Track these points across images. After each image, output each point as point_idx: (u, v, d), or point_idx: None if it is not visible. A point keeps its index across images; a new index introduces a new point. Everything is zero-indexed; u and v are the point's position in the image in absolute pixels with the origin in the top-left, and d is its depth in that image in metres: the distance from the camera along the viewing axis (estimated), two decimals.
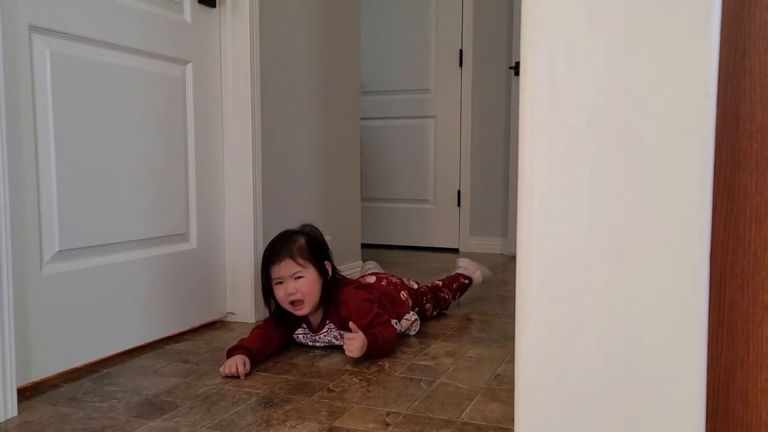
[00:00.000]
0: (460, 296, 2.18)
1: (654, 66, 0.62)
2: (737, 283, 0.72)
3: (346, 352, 1.54)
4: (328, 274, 1.66)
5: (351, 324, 1.55)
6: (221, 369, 1.48)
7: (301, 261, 1.60)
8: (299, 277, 1.59)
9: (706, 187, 0.62)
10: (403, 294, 1.86)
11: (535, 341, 0.74)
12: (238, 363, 1.47)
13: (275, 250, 1.62)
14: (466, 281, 2.20)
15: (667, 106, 0.62)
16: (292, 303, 1.60)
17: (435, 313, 2.03)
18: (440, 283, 2.10)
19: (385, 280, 1.89)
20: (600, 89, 0.65)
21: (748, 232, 0.71)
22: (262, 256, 1.66)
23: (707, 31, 0.59)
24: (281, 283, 1.60)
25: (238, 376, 1.45)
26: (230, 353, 1.53)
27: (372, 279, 1.91)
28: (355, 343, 1.52)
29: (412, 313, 1.83)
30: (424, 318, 1.96)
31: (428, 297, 1.98)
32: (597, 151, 0.67)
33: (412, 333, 1.83)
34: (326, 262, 1.66)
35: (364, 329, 1.61)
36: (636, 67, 0.64)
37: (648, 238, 0.67)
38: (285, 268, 1.59)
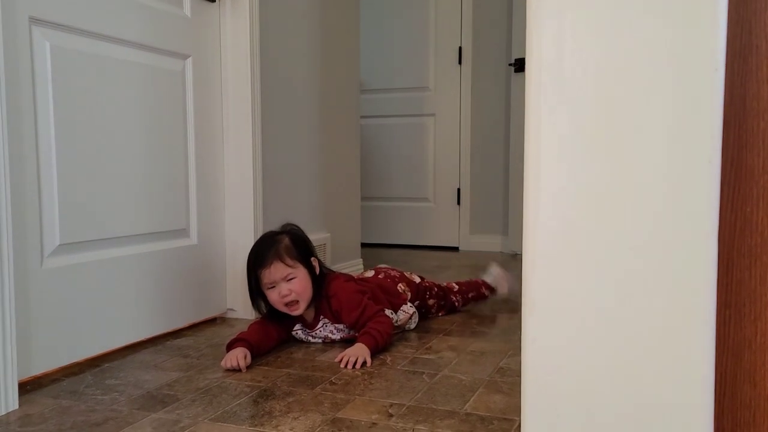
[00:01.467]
0: (472, 304, 2.09)
1: (663, 40, 0.62)
2: (745, 264, 0.72)
3: (357, 366, 1.48)
4: (316, 271, 1.65)
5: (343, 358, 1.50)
6: (222, 362, 1.47)
7: (290, 262, 1.59)
8: (291, 278, 1.58)
9: (715, 164, 0.62)
10: (401, 286, 1.84)
11: (541, 324, 0.74)
12: (238, 356, 1.46)
13: (262, 254, 1.59)
14: (487, 293, 2.10)
15: (676, 81, 0.62)
16: (287, 304, 1.60)
17: (441, 314, 2.00)
18: (456, 286, 2.03)
19: (383, 273, 1.89)
20: (608, 65, 0.65)
21: (756, 212, 0.71)
22: (248, 258, 1.63)
23: (715, 4, 0.58)
24: (273, 287, 1.58)
25: (239, 369, 1.44)
26: (230, 346, 1.52)
27: (371, 273, 1.90)
28: (358, 360, 1.48)
29: (409, 305, 1.81)
30: (426, 314, 1.94)
31: (433, 293, 1.94)
32: (605, 128, 0.67)
33: (411, 327, 1.82)
34: (312, 259, 1.66)
35: (355, 322, 1.61)
36: (644, 41, 0.63)
37: (656, 216, 0.67)
38: (276, 271, 1.57)
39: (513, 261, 3.24)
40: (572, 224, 0.70)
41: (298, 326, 1.69)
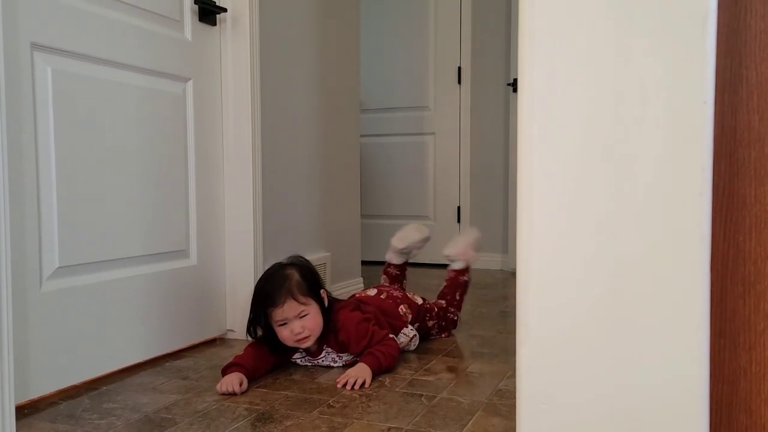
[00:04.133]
0: (464, 297, 2.08)
1: (652, 74, 0.63)
2: (738, 293, 0.72)
3: (356, 387, 1.48)
4: (325, 303, 1.64)
5: (345, 378, 1.50)
6: (218, 387, 1.47)
7: (302, 299, 1.56)
8: (304, 315, 1.56)
9: (706, 196, 0.62)
10: (402, 308, 1.84)
11: (535, 351, 0.74)
12: (233, 381, 1.45)
13: (273, 292, 1.56)
14: (466, 277, 2.08)
15: (665, 113, 0.62)
16: (298, 340, 1.58)
17: (444, 336, 1.98)
18: (444, 302, 2.02)
19: (385, 294, 1.88)
20: (599, 99, 0.65)
21: (748, 241, 0.71)
22: (256, 293, 1.61)
23: (704, 38, 0.59)
24: (285, 324, 1.57)
25: (234, 394, 1.44)
26: (225, 371, 1.52)
27: (373, 291, 1.90)
28: (357, 381, 1.48)
29: (410, 327, 1.81)
30: (427, 336, 1.93)
31: (433, 314, 1.94)
32: (596, 160, 0.68)
33: (411, 348, 1.82)
34: (321, 291, 1.64)
35: (363, 350, 1.61)
36: (634, 76, 0.64)
37: (647, 247, 0.67)
38: (289, 309, 1.55)
39: (513, 279, 3.23)
40: (563, 258, 0.70)
41: (298, 354, 1.68)
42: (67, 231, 1.46)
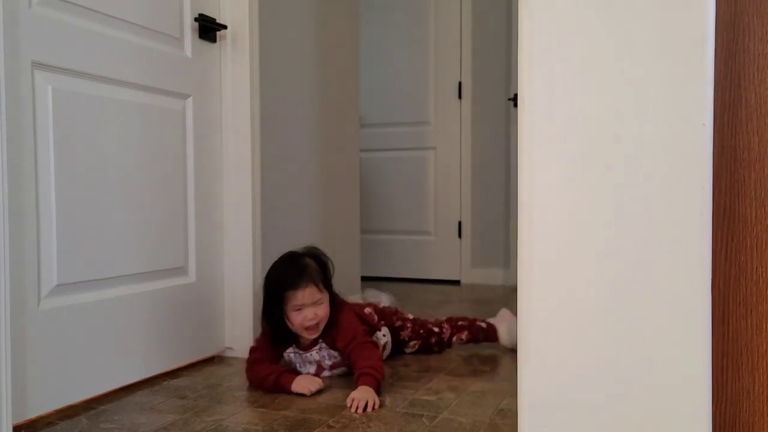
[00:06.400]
0: (469, 338, 2.01)
1: (651, 97, 0.63)
2: (741, 313, 0.71)
3: (368, 409, 1.46)
4: (334, 298, 1.69)
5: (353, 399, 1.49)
6: (305, 391, 1.55)
7: (321, 287, 1.63)
8: (320, 303, 1.62)
9: (706, 216, 0.62)
10: (367, 309, 1.90)
11: (536, 371, 0.73)
12: (313, 379, 1.59)
13: (294, 276, 1.61)
14: (483, 324, 2.03)
15: (665, 135, 0.62)
16: (307, 328, 1.62)
17: (415, 346, 1.95)
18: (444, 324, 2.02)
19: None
20: (598, 120, 0.65)
21: (750, 262, 0.70)
22: (271, 278, 1.65)
23: (701, 61, 0.59)
24: (299, 309, 1.61)
25: (320, 389, 1.57)
26: (282, 382, 1.57)
27: None
28: (368, 403, 1.46)
29: (384, 330, 1.87)
30: (397, 337, 1.92)
31: (399, 316, 1.97)
32: (595, 181, 0.67)
33: (384, 356, 1.82)
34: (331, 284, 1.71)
35: (345, 347, 1.64)
36: (633, 97, 0.64)
37: (648, 265, 0.67)
38: (309, 294, 1.60)
39: (514, 294, 3.22)
40: (565, 277, 0.70)
41: (291, 349, 1.70)
42: (66, 248, 1.46)
